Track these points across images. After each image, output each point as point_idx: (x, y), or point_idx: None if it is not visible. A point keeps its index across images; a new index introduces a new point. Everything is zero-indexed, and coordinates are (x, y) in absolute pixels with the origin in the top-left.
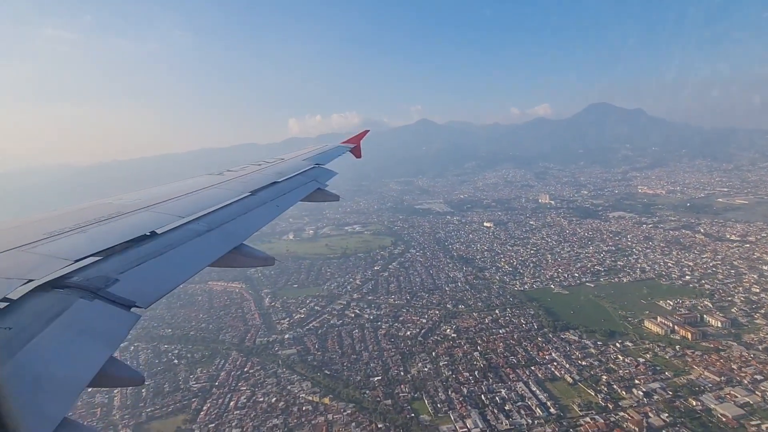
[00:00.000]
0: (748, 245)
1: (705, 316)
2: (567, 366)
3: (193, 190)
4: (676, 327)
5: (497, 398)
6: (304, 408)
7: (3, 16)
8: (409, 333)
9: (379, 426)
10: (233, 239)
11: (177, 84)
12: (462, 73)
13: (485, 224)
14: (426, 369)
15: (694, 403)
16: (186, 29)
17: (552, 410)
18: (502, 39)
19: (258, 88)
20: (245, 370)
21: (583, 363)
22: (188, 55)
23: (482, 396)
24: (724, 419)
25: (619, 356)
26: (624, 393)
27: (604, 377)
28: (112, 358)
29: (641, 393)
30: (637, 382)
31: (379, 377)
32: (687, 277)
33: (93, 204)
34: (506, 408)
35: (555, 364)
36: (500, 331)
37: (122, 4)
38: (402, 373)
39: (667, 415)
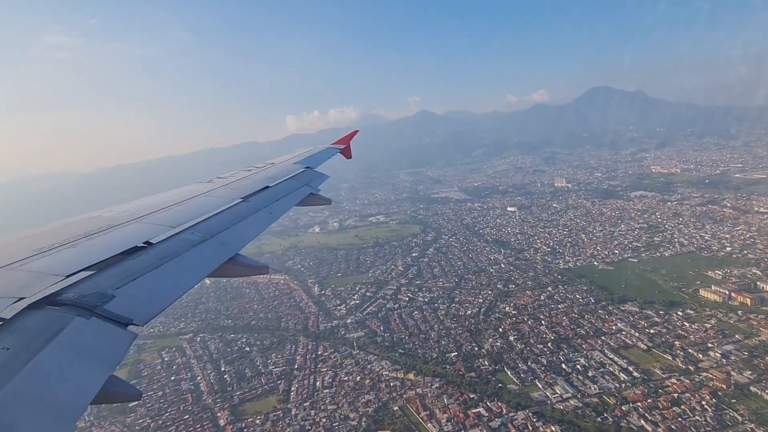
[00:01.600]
0: None
1: (758, 282)
2: (636, 334)
3: (184, 198)
4: (732, 294)
5: (578, 366)
6: (391, 384)
7: (3, 27)
8: (469, 312)
9: (471, 396)
10: (229, 249)
11: (177, 86)
12: (457, 62)
13: (509, 209)
14: (498, 344)
15: None
16: (186, 30)
17: (635, 374)
18: (495, 26)
19: (256, 86)
20: (319, 353)
21: (652, 331)
22: (188, 56)
23: (562, 365)
24: None
25: (685, 323)
26: (701, 356)
27: (677, 343)
28: (110, 375)
29: (718, 354)
30: (710, 345)
31: (455, 353)
32: (728, 249)
33: (82, 218)
34: (590, 374)
35: (623, 333)
36: (559, 306)
37: (119, 9)
38: (476, 349)
39: (750, 372)
